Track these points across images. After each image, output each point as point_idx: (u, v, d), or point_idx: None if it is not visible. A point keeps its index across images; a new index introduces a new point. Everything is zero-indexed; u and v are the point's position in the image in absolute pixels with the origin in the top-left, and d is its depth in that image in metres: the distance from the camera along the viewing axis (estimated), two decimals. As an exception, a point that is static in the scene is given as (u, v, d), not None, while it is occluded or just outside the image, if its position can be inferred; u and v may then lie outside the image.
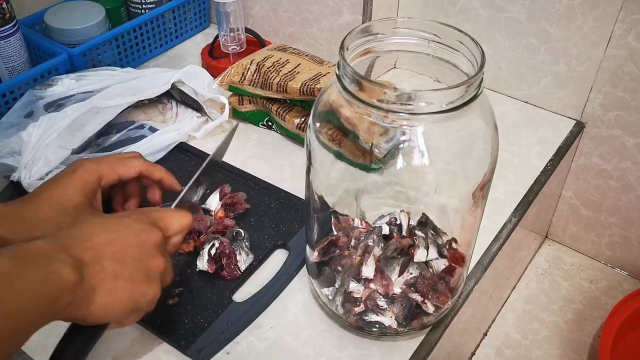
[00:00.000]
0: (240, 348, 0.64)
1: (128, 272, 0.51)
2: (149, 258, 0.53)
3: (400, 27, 0.57)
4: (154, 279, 0.53)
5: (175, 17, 1.09)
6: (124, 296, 0.51)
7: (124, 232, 0.53)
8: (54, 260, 0.46)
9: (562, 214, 1.09)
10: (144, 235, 0.54)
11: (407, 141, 0.52)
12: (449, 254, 0.63)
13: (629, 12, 0.84)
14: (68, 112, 0.79)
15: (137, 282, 0.52)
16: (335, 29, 1.00)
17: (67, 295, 0.46)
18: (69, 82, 0.88)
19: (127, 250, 0.52)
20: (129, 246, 0.52)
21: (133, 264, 0.52)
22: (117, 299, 0.50)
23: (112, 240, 0.52)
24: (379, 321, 0.62)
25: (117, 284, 0.50)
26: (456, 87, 0.49)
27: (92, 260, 0.49)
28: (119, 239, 0.52)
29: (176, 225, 0.58)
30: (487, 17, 0.97)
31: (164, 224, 0.57)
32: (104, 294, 0.49)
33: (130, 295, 0.51)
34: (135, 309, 0.52)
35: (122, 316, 0.51)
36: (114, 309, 0.50)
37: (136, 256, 0.52)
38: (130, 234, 0.53)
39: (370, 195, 0.62)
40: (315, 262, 0.65)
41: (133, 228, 0.54)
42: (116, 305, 0.50)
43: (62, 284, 0.45)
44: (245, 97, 0.91)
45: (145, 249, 0.53)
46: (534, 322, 0.99)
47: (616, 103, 0.92)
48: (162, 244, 0.55)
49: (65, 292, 0.46)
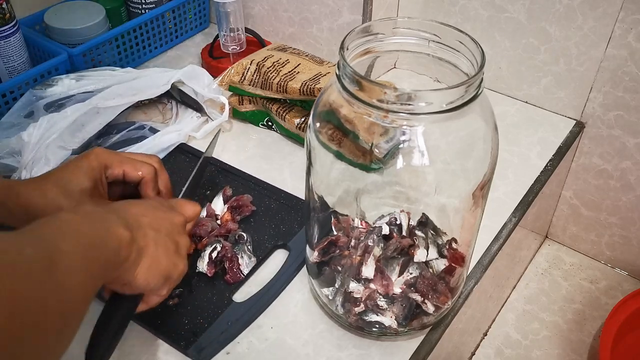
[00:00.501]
0: (241, 348, 0.64)
1: (164, 241, 0.54)
2: (177, 234, 0.57)
3: (400, 27, 0.57)
4: (182, 254, 0.57)
5: (175, 17, 1.09)
6: (162, 262, 0.53)
7: (153, 209, 0.56)
8: (109, 219, 0.49)
9: (562, 214, 1.09)
10: (170, 214, 0.58)
11: (407, 141, 0.52)
12: (449, 254, 0.63)
13: (629, 12, 0.84)
14: (68, 113, 0.79)
15: (171, 252, 0.55)
16: (335, 29, 1.00)
17: (125, 248, 0.48)
18: (69, 82, 0.88)
19: (160, 223, 0.55)
20: (159, 219, 0.56)
21: (167, 236, 0.55)
22: (158, 264, 0.53)
23: (144, 212, 0.55)
24: (379, 321, 0.62)
25: (158, 250, 0.53)
26: (456, 87, 0.49)
27: (137, 225, 0.52)
28: (150, 212, 0.55)
29: (190, 211, 0.61)
30: (487, 17, 0.97)
31: (180, 210, 0.61)
32: (149, 256, 0.52)
33: (166, 263, 0.54)
34: (168, 278, 0.55)
35: (159, 283, 0.54)
36: (155, 274, 0.53)
37: (168, 229, 0.56)
38: (159, 211, 0.57)
39: (370, 195, 0.62)
40: (315, 262, 0.65)
41: (160, 208, 0.58)
42: (156, 270, 0.53)
43: (120, 237, 0.48)
44: (245, 97, 0.91)
45: (174, 225, 0.57)
46: (534, 322, 0.99)
47: (616, 103, 0.92)
48: (184, 225, 0.59)
49: (124, 245, 0.48)
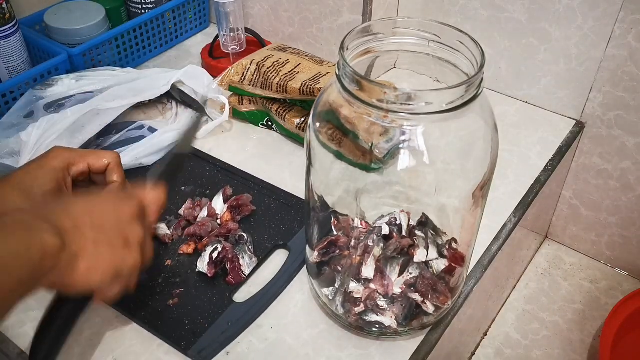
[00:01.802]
0: (241, 348, 0.64)
1: (107, 238, 0.53)
2: (127, 225, 0.55)
3: (400, 27, 0.57)
4: (133, 246, 0.55)
5: (175, 17, 1.09)
6: (105, 260, 0.52)
7: (100, 203, 0.55)
8: (35, 228, 0.47)
9: (562, 214, 1.09)
10: (120, 205, 0.56)
11: (407, 141, 0.52)
12: (449, 254, 0.63)
13: (629, 12, 0.84)
14: (68, 114, 0.79)
15: (117, 248, 0.53)
16: (335, 29, 1.00)
17: (50, 258, 0.47)
18: (69, 82, 0.88)
19: (104, 218, 0.53)
20: (106, 214, 0.54)
21: (112, 231, 0.53)
22: (99, 263, 0.51)
23: (89, 210, 0.53)
24: (379, 321, 0.62)
25: (98, 249, 0.51)
26: (456, 87, 0.49)
27: (72, 228, 0.50)
28: (96, 208, 0.54)
29: (150, 196, 0.60)
30: (487, 17, 0.97)
31: (138, 197, 0.59)
32: (87, 258, 0.50)
33: (111, 260, 0.52)
34: (116, 275, 0.53)
35: (105, 282, 0.52)
36: (97, 273, 0.51)
37: (114, 223, 0.54)
38: (106, 204, 0.55)
39: (370, 195, 0.62)
40: (315, 262, 0.65)
41: (109, 199, 0.56)
42: (99, 269, 0.51)
43: (44, 248, 0.47)
44: (245, 97, 0.91)
45: (123, 217, 0.55)
46: (534, 322, 0.99)
47: (616, 103, 0.92)
48: (139, 215, 0.57)
49: (48, 255, 0.47)
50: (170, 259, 0.71)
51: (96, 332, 0.65)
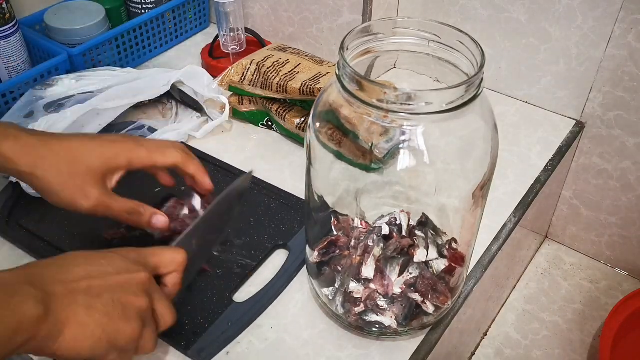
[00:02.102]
0: (240, 348, 0.64)
1: (103, 306, 0.49)
2: (129, 295, 0.51)
3: (400, 27, 0.57)
4: (133, 317, 0.51)
5: (175, 17, 1.09)
6: (96, 330, 0.48)
7: (105, 267, 0.51)
8: (16, 293, 0.45)
9: (562, 214, 1.09)
10: (126, 274, 0.52)
11: (407, 141, 0.52)
12: (449, 254, 0.63)
13: (629, 12, 0.84)
14: (68, 114, 0.79)
15: (114, 318, 0.50)
16: (335, 29, 1.00)
17: (26, 330, 0.44)
18: (69, 82, 0.88)
19: (104, 285, 0.50)
20: (107, 282, 0.51)
21: (110, 300, 0.50)
22: (89, 333, 0.48)
23: (90, 273, 0.50)
24: (379, 321, 0.62)
25: (90, 318, 0.48)
26: (456, 87, 0.49)
27: (63, 293, 0.48)
28: (98, 273, 0.51)
29: (168, 261, 0.57)
30: (487, 17, 0.97)
31: (156, 261, 0.56)
32: (74, 327, 0.47)
33: (104, 330, 0.49)
34: (111, 346, 0.49)
35: (96, 353, 0.49)
36: (85, 343, 0.48)
37: (115, 292, 0.50)
38: (111, 270, 0.52)
39: (370, 195, 0.62)
40: (315, 262, 0.65)
41: (116, 265, 0.52)
42: (87, 339, 0.48)
43: (21, 319, 0.44)
44: (245, 97, 0.91)
45: (127, 286, 0.51)
46: (534, 322, 0.99)
47: (616, 103, 0.92)
48: (147, 284, 0.53)
49: (25, 326, 0.44)
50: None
51: (96, 332, 0.65)
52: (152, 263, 0.56)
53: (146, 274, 0.53)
